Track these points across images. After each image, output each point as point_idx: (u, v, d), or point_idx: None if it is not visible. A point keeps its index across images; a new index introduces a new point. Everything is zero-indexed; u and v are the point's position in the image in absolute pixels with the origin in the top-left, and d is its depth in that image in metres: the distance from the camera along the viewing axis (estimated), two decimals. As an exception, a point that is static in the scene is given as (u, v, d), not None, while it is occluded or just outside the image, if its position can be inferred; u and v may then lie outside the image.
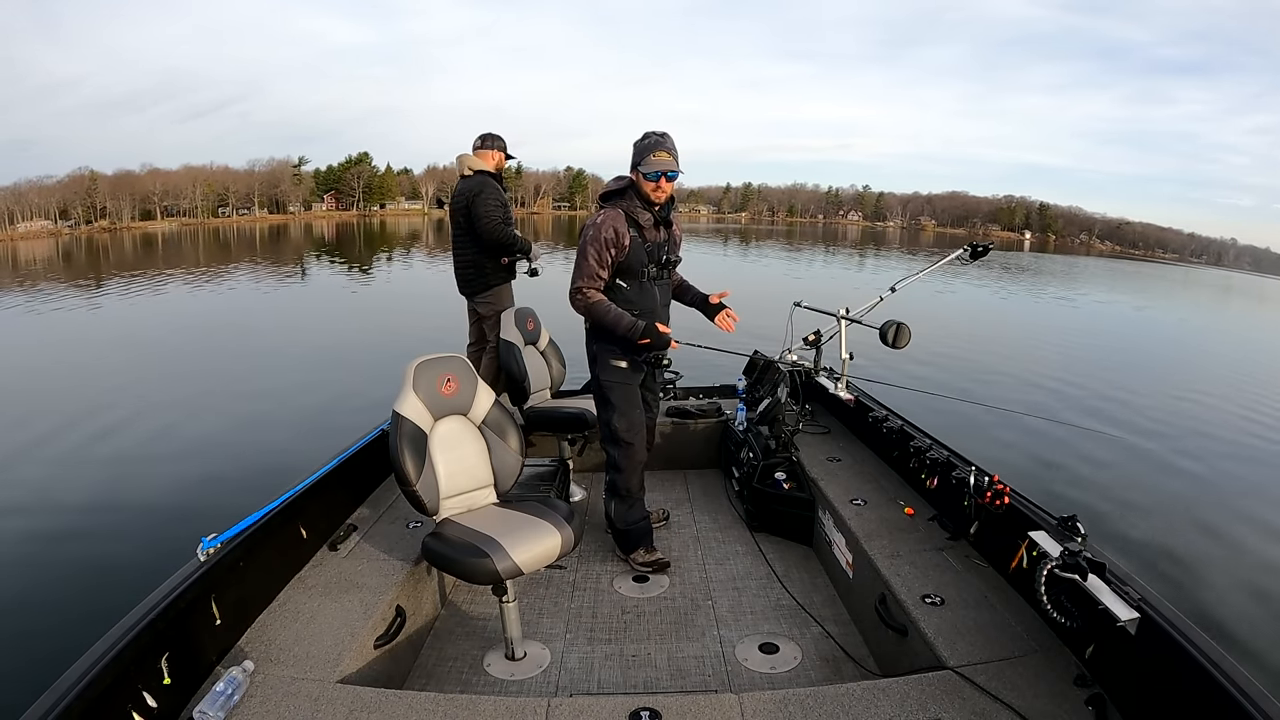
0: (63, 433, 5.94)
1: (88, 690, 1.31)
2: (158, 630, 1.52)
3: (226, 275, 20.47)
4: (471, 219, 3.56)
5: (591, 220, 2.46)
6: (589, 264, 2.42)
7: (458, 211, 3.64)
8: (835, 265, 29.38)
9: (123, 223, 68.98)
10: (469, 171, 3.62)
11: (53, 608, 3.32)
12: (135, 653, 1.45)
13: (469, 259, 3.71)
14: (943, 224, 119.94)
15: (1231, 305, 31.20)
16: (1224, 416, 7.82)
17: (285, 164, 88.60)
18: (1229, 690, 1.28)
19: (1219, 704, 1.28)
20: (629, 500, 2.72)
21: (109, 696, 1.36)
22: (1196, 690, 1.34)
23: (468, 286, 3.79)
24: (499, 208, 3.59)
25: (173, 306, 14.56)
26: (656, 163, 2.36)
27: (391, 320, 11.76)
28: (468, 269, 3.74)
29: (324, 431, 5.52)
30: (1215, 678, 1.31)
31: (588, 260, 2.42)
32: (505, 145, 3.76)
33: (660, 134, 2.41)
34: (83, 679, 1.32)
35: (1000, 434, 6.29)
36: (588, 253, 2.42)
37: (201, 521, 1.91)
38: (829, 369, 3.27)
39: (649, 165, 2.37)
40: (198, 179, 78.94)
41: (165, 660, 1.52)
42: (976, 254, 3.26)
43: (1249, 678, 1.30)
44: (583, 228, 2.48)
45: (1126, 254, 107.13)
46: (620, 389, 2.61)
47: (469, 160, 3.64)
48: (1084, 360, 10.56)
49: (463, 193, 3.60)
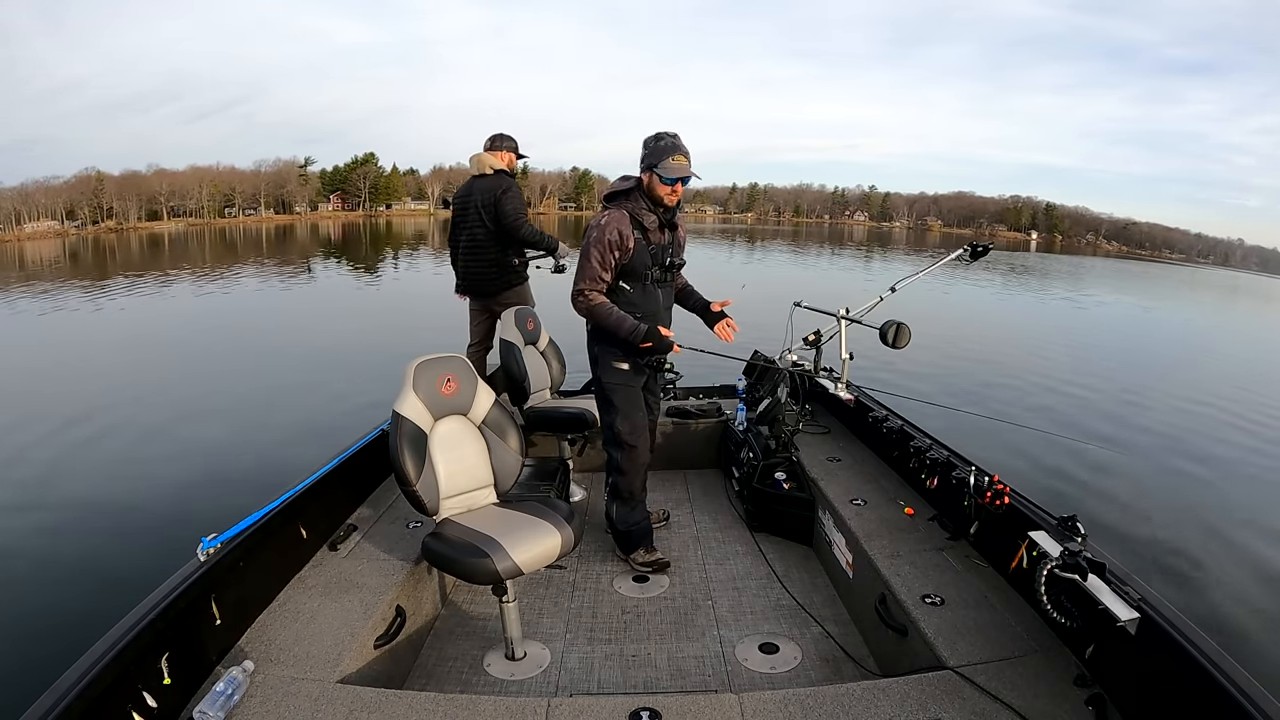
0: (64, 432, 5.95)
1: (88, 690, 1.31)
2: (158, 630, 1.52)
3: (232, 275, 20.55)
4: (498, 217, 3.57)
5: (595, 221, 2.44)
6: (591, 266, 2.40)
7: (479, 210, 3.61)
8: (839, 266, 29.36)
9: (129, 223, 69.04)
10: (488, 170, 3.62)
11: (53, 608, 3.33)
12: (135, 653, 1.45)
13: (491, 258, 3.70)
14: (949, 224, 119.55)
15: (1238, 305, 31.06)
16: (1224, 416, 7.79)
17: (291, 164, 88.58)
18: (1229, 690, 1.27)
19: (1219, 704, 1.28)
20: (631, 502, 2.72)
21: (109, 696, 1.37)
22: (1196, 690, 1.34)
23: (489, 285, 3.76)
24: (524, 206, 3.64)
25: (176, 307, 14.61)
26: (676, 167, 2.33)
27: (393, 320, 11.78)
28: (490, 268, 3.72)
29: (324, 431, 5.53)
30: (1215, 677, 1.31)
31: (590, 262, 2.40)
32: (516, 145, 3.76)
33: (674, 135, 2.38)
34: (83, 679, 1.32)
35: (1000, 434, 6.28)
36: (590, 254, 2.40)
37: (201, 521, 1.92)
38: (829, 369, 3.27)
39: (669, 170, 2.33)
40: (204, 179, 78.93)
41: (165, 660, 1.52)
42: (976, 254, 3.26)
43: (1249, 677, 1.30)
44: (586, 228, 2.47)
45: (1133, 254, 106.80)
46: (623, 391, 2.59)
47: (487, 159, 3.63)
48: (1087, 361, 10.53)
49: (485, 191, 3.59)
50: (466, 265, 3.78)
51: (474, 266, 3.76)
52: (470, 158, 3.71)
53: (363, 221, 78.31)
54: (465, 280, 3.83)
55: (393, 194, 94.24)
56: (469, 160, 3.74)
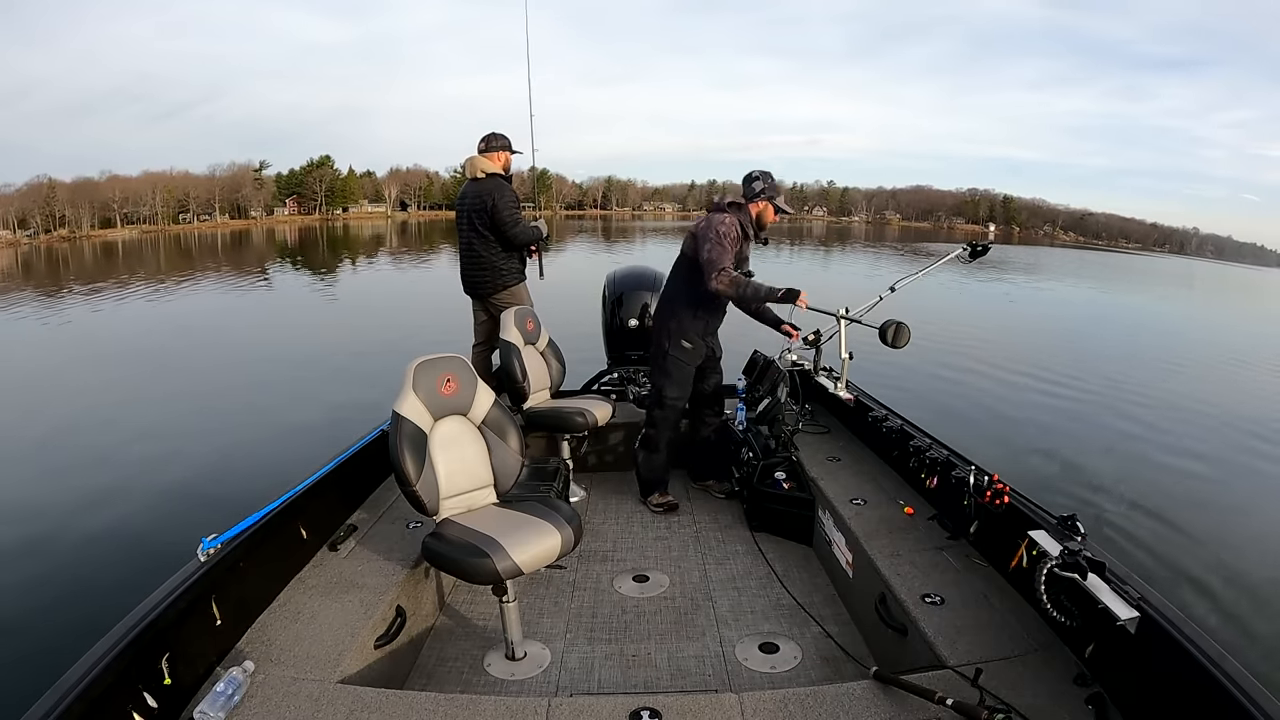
0: (64, 433, 5.95)
1: (88, 690, 1.31)
2: (158, 630, 1.52)
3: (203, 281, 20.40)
4: (494, 224, 3.63)
5: (721, 219, 2.93)
6: (726, 250, 2.87)
7: (475, 214, 3.65)
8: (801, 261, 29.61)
9: (82, 231, 66.13)
10: (480, 174, 3.64)
11: (53, 608, 3.33)
12: (135, 653, 1.45)
13: (486, 260, 3.73)
14: (907, 218, 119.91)
15: (1230, 299, 31.24)
16: (1224, 416, 7.80)
17: (246, 168, 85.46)
18: (1229, 689, 1.27)
19: (1219, 702, 1.28)
20: (656, 454, 3.23)
21: (109, 696, 1.36)
22: (1196, 689, 1.34)
23: (485, 286, 3.80)
24: (518, 208, 3.68)
25: (161, 311, 14.60)
26: (784, 205, 3.09)
27: (391, 321, 11.79)
28: (485, 270, 3.76)
29: (324, 432, 5.53)
30: (1215, 676, 1.31)
31: (725, 247, 2.87)
32: (510, 144, 3.76)
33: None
34: (83, 679, 1.32)
35: (1000, 434, 6.29)
36: (724, 242, 2.86)
37: (201, 521, 1.92)
38: (829, 369, 3.27)
39: (784, 204, 3.08)
40: (158, 185, 76.27)
41: (165, 660, 1.52)
42: (976, 253, 3.26)
43: (1249, 676, 1.30)
44: (710, 221, 2.94)
45: (1090, 245, 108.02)
46: (681, 367, 3.11)
47: (480, 163, 3.65)
48: (1087, 360, 10.53)
49: (480, 194, 3.62)
50: (464, 268, 3.83)
51: (470, 269, 3.80)
52: (464, 161, 3.72)
53: (320, 225, 76.26)
54: (464, 282, 3.87)
55: (349, 197, 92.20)
56: (462, 164, 3.76)
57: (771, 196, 3.05)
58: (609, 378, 4.13)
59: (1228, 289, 38.87)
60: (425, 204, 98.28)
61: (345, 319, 13.18)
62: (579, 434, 3.31)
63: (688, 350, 3.09)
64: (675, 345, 3.09)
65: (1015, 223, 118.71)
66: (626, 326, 4.04)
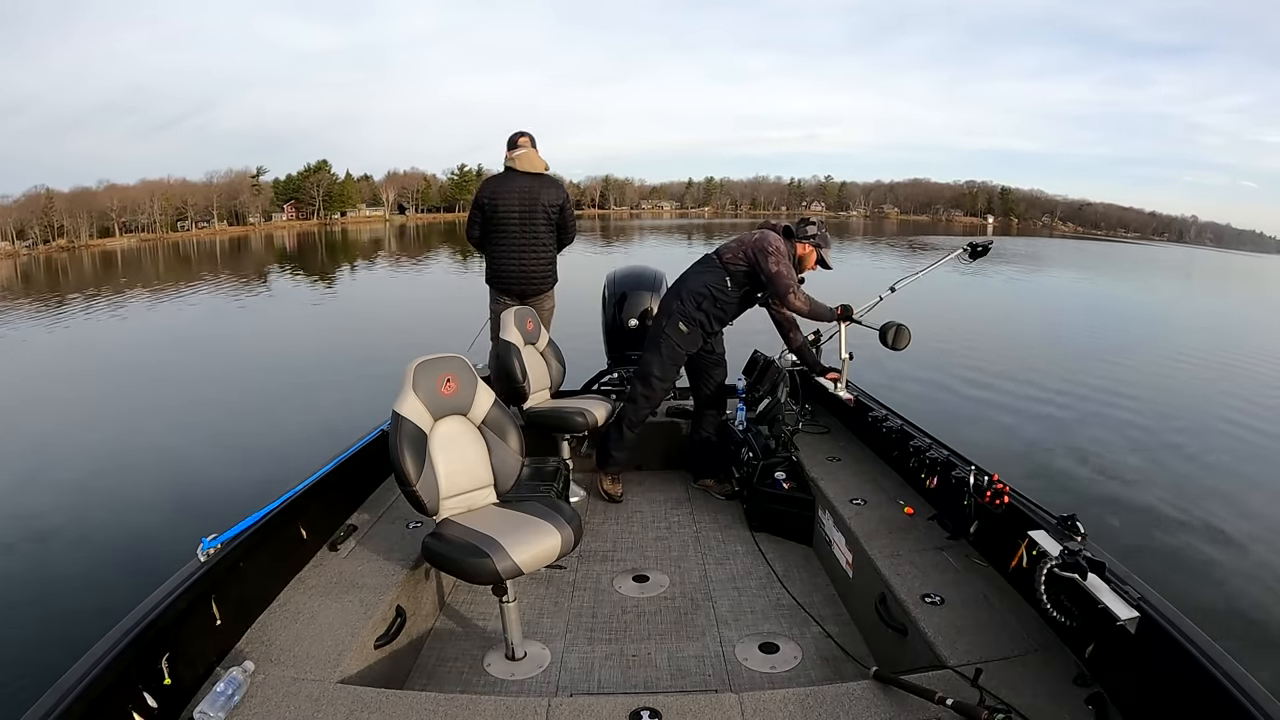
0: (64, 434, 5.95)
1: (88, 690, 1.31)
2: (158, 630, 1.52)
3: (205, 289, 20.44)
4: (564, 221, 3.76)
5: (776, 238, 3.05)
6: (791, 272, 3.01)
7: (544, 210, 3.66)
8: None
9: (81, 241, 65.84)
10: (543, 169, 3.69)
11: (53, 608, 3.33)
12: (135, 653, 1.45)
13: (549, 256, 3.80)
14: (905, 211, 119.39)
15: (1233, 290, 31.17)
16: (1224, 415, 7.80)
17: (243, 175, 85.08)
18: (1229, 689, 1.27)
19: (1219, 703, 1.28)
20: (622, 434, 3.25)
21: (109, 697, 1.36)
22: (1196, 689, 1.34)
23: (543, 284, 3.81)
24: None
25: (160, 318, 14.62)
26: (829, 260, 3.21)
27: (391, 323, 11.80)
28: (547, 266, 3.81)
29: (324, 432, 5.53)
30: (1215, 676, 1.31)
31: (789, 269, 3.01)
32: (534, 142, 3.75)
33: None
34: (83, 679, 1.32)
35: (1000, 434, 6.29)
36: (784, 264, 2.99)
37: (201, 521, 1.91)
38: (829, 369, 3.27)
39: (830, 259, 3.21)
40: (155, 193, 75.92)
41: (165, 660, 1.52)
42: (976, 253, 3.26)
43: (1249, 676, 1.30)
44: (766, 237, 3.05)
45: (1089, 235, 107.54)
46: (674, 349, 3.16)
47: (539, 159, 3.68)
48: (1087, 358, 10.52)
49: (549, 190, 3.67)
50: (523, 264, 3.71)
51: (532, 265, 3.73)
52: (517, 155, 3.64)
53: (318, 230, 75.96)
54: (512, 279, 3.74)
55: (347, 201, 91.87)
56: (513, 159, 3.65)
57: (820, 245, 3.12)
58: (609, 378, 4.12)
59: (1227, 277, 38.92)
60: (423, 207, 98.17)
61: (345, 320, 13.24)
62: (579, 434, 3.31)
63: (684, 334, 3.14)
64: (673, 326, 3.14)
65: (1014, 214, 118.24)
66: (627, 326, 4.03)
